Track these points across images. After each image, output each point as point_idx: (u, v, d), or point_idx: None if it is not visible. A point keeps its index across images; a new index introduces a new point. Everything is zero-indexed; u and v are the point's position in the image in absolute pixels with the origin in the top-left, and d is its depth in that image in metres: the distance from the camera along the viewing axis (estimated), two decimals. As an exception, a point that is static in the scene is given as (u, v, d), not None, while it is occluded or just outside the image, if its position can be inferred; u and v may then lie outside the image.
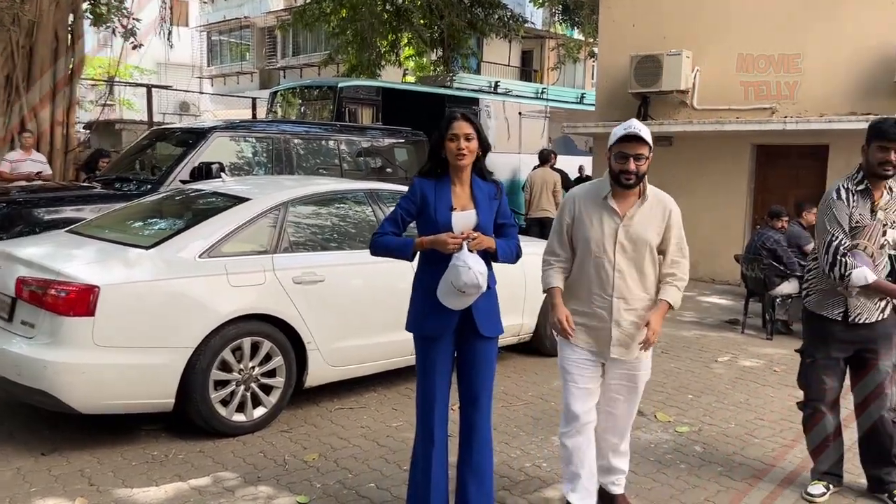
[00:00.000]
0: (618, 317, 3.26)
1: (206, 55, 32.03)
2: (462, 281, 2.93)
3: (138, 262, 4.17)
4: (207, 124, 8.03)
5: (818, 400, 3.84)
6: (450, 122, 3.06)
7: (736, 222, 11.09)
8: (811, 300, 3.84)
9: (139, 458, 4.04)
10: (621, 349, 3.28)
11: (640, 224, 3.26)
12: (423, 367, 3.18)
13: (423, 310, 3.14)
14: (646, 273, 3.29)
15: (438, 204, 3.08)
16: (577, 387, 3.35)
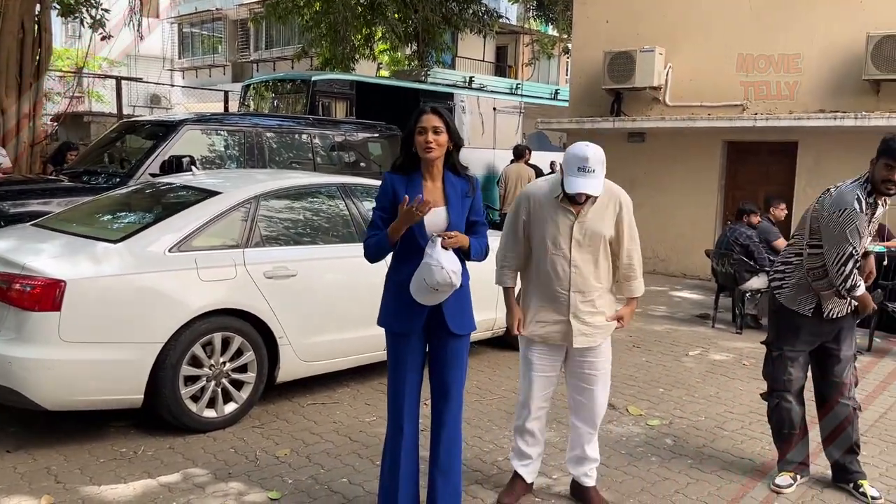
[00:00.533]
0: (575, 310, 3.37)
1: (177, 47, 31.62)
2: (435, 279, 2.92)
3: (106, 256, 4.10)
4: (178, 117, 7.94)
5: (784, 390, 3.90)
6: (419, 115, 3.03)
7: (707, 218, 11.22)
8: (784, 294, 3.85)
9: (107, 454, 3.98)
10: (583, 338, 3.40)
11: (594, 219, 3.34)
12: (393, 363, 3.18)
13: (393, 307, 3.14)
14: (601, 265, 3.39)
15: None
16: (537, 374, 3.49)
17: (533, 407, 3.54)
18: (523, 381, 3.57)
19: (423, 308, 3.06)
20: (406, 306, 3.06)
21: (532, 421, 3.57)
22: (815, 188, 10.13)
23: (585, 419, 3.54)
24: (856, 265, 3.57)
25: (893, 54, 8.84)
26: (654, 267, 11.70)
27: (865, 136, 9.54)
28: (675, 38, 11.10)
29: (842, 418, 3.83)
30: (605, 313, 3.43)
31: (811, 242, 3.72)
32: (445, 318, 3.10)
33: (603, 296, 3.43)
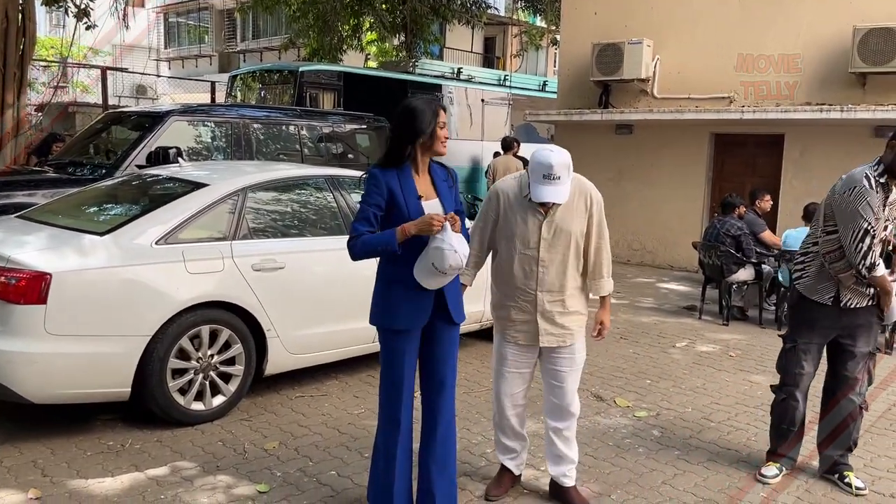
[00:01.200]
0: (542, 308, 3.35)
1: (163, 37, 31.35)
2: (448, 263, 2.91)
3: (92, 248, 4.07)
4: (164, 108, 7.87)
5: (793, 385, 3.90)
6: (438, 111, 3.04)
7: (694, 210, 11.27)
8: (803, 283, 3.82)
9: (94, 448, 3.96)
10: (550, 337, 3.38)
11: (563, 217, 3.31)
12: (391, 359, 3.13)
13: (394, 302, 3.08)
14: (569, 263, 3.35)
15: (406, 194, 3.03)
16: (509, 371, 3.49)
17: (507, 403, 3.53)
18: (496, 376, 3.55)
19: (429, 302, 3.07)
20: (414, 302, 3.05)
21: (509, 417, 3.55)
22: (802, 180, 10.22)
23: (557, 417, 3.50)
24: (873, 241, 3.53)
25: (879, 47, 8.89)
26: (641, 259, 11.75)
27: (852, 129, 9.63)
28: (662, 31, 11.12)
29: (845, 414, 3.84)
30: (577, 313, 3.40)
31: (826, 228, 3.69)
32: (449, 308, 3.13)
33: (574, 296, 3.38)
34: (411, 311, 3.07)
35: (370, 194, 3.03)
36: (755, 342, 6.95)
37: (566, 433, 3.53)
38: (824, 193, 3.83)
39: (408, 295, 3.05)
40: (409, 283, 3.03)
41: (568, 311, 3.38)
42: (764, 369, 6.02)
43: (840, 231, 3.62)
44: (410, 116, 3.01)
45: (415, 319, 3.08)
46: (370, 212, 3.02)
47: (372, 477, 3.29)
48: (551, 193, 3.17)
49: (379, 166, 3.08)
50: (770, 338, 7.14)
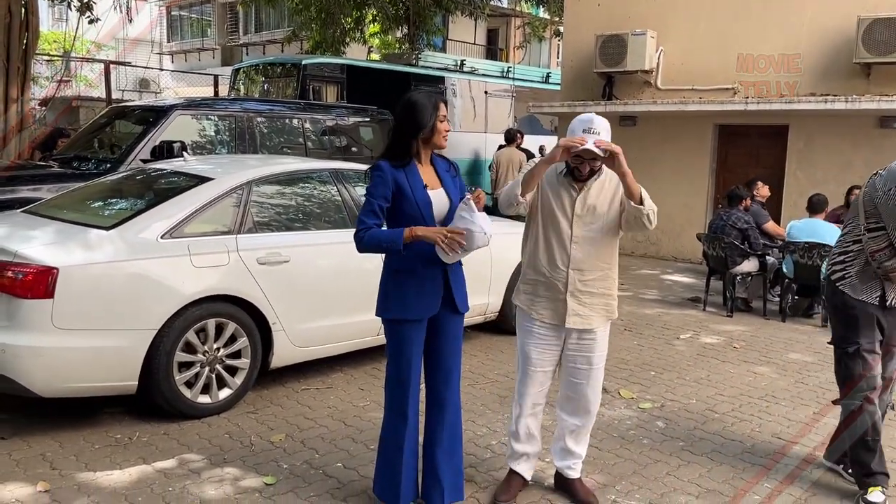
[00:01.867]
0: (573, 288, 3.31)
1: (165, 31, 31.33)
2: (476, 244, 2.95)
3: (98, 242, 4.09)
4: (168, 102, 7.87)
5: (868, 389, 3.57)
6: (438, 104, 3.06)
7: (698, 201, 11.26)
8: (847, 284, 3.62)
9: (102, 441, 3.99)
10: (577, 318, 3.33)
11: (597, 195, 3.30)
12: (399, 351, 3.15)
13: (403, 292, 3.10)
14: (603, 244, 3.32)
15: (412, 184, 3.06)
16: (534, 370, 3.43)
17: (528, 404, 3.47)
18: (520, 377, 3.49)
19: (438, 291, 3.12)
20: (422, 292, 3.09)
21: (528, 419, 3.50)
22: (806, 171, 10.21)
23: (572, 413, 3.49)
24: None
25: (884, 37, 8.85)
26: (645, 250, 11.75)
27: (856, 120, 9.61)
28: (666, 22, 11.09)
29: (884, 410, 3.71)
30: (607, 295, 3.35)
31: (869, 226, 3.52)
32: (455, 298, 3.17)
33: (606, 276, 3.35)
34: (420, 300, 3.10)
35: (377, 186, 3.05)
36: (759, 333, 6.95)
37: (581, 432, 3.52)
38: (829, 184, 3.82)
39: (416, 284, 3.08)
40: (417, 272, 3.07)
41: (598, 292, 3.32)
42: (768, 360, 6.03)
43: (889, 228, 3.42)
44: (412, 111, 3.04)
45: (424, 309, 3.11)
46: (376, 204, 3.03)
47: (378, 469, 3.31)
48: (590, 144, 3.09)
49: (386, 159, 3.09)
50: (774, 329, 7.16)
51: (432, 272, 3.11)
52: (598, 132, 3.13)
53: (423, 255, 3.05)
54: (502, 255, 5.76)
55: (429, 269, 3.10)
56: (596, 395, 3.48)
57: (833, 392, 5.23)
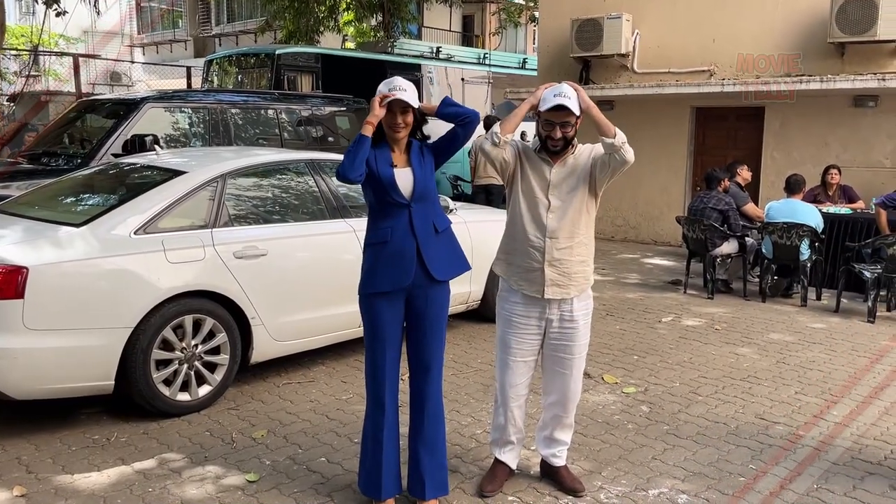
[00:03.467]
0: (550, 257, 3.30)
1: (135, 23, 30.80)
2: (395, 84, 3.06)
3: (69, 240, 3.99)
4: (139, 95, 7.73)
5: None
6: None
7: (676, 184, 11.28)
8: None
9: (79, 442, 3.91)
10: (555, 288, 3.31)
11: (572, 165, 3.32)
12: (372, 332, 3.15)
13: (375, 266, 3.12)
14: (580, 213, 3.32)
15: (380, 162, 3.11)
16: (514, 359, 3.41)
17: (512, 394, 3.44)
18: (499, 366, 3.46)
19: (409, 262, 3.10)
20: (391, 262, 3.10)
21: (511, 408, 3.47)
22: (782, 152, 10.26)
23: (555, 403, 3.47)
24: None
25: (857, 16, 8.87)
26: (625, 235, 11.77)
27: (831, 99, 9.65)
28: (641, 5, 11.05)
29: None
30: (584, 263, 3.34)
31: None
32: (428, 266, 3.13)
33: (582, 244, 3.33)
34: (388, 272, 3.11)
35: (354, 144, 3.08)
36: (740, 314, 6.98)
37: (566, 420, 3.50)
38: (805, 164, 3.84)
39: (384, 255, 3.11)
40: (387, 244, 3.10)
41: (575, 259, 3.31)
42: (749, 341, 6.05)
43: None
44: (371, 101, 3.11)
45: (391, 281, 3.10)
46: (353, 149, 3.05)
47: (360, 463, 3.27)
48: (565, 101, 3.15)
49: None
50: (755, 310, 7.19)
51: (402, 242, 3.11)
52: (569, 97, 3.18)
53: (392, 225, 3.10)
54: (483, 244, 5.71)
55: (398, 240, 3.11)
56: (578, 384, 3.46)
57: (815, 371, 5.28)
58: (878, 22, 8.71)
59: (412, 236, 3.12)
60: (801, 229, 7.25)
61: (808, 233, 7.26)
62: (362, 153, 3.01)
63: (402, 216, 3.11)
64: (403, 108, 3.08)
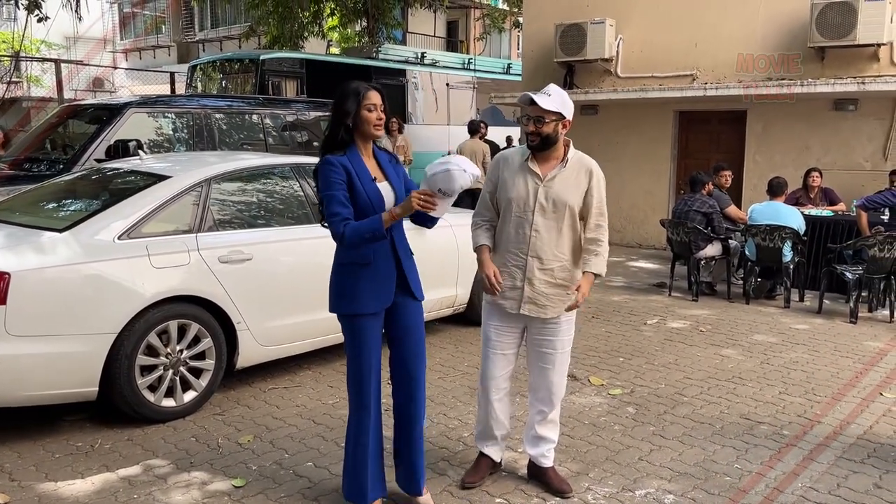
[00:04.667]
0: (530, 275, 3.32)
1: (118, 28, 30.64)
2: (458, 184, 2.88)
3: (52, 245, 3.95)
4: (123, 100, 7.69)
5: None
6: (364, 92, 3.00)
7: (660, 187, 11.35)
8: None
9: (63, 450, 3.87)
10: (531, 306, 3.34)
11: (561, 186, 3.30)
12: (358, 346, 3.10)
13: (358, 287, 3.04)
14: (563, 235, 3.32)
15: (361, 176, 3.02)
16: (494, 352, 3.46)
17: (492, 386, 3.48)
18: (482, 359, 3.52)
19: (391, 281, 3.08)
20: (378, 284, 3.05)
21: (493, 401, 3.51)
22: (764, 155, 10.35)
23: (541, 399, 3.49)
24: None
25: (837, 21, 8.98)
26: (609, 238, 11.78)
27: (812, 103, 9.76)
28: (624, 10, 11.13)
29: None
30: (565, 287, 3.34)
31: None
32: (411, 285, 3.15)
33: (564, 268, 3.34)
34: (374, 293, 3.05)
35: (332, 179, 2.97)
36: (724, 316, 7.03)
37: (551, 416, 3.51)
38: (787, 168, 3.88)
39: (369, 277, 3.03)
40: (369, 265, 3.02)
41: (555, 282, 3.32)
42: (734, 343, 6.10)
43: None
44: (337, 99, 3.02)
45: (378, 302, 3.06)
46: (340, 195, 2.96)
47: (344, 470, 3.25)
48: (538, 97, 3.21)
49: (328, 152, 3.03)
50: (739, 311, 7.25)
51: (385, 263, 3.07)
52: (550, 94, 3.24)
53: (374, 246, 3.01)
54: (469, 247, 5.71)
55: (381, 260, 3.06)
56: (561, 378, 3.47)
57: (798, 371, 5.32)
58: (857, 26, 8.83)
59: (393, 256, 3.10)
60: (784, 231, 7.32)
61: (791, 235, 7.33)
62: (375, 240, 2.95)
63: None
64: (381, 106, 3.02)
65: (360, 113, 2.99)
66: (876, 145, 9.51)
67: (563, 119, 3.27)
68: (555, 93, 3.26)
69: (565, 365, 3.48)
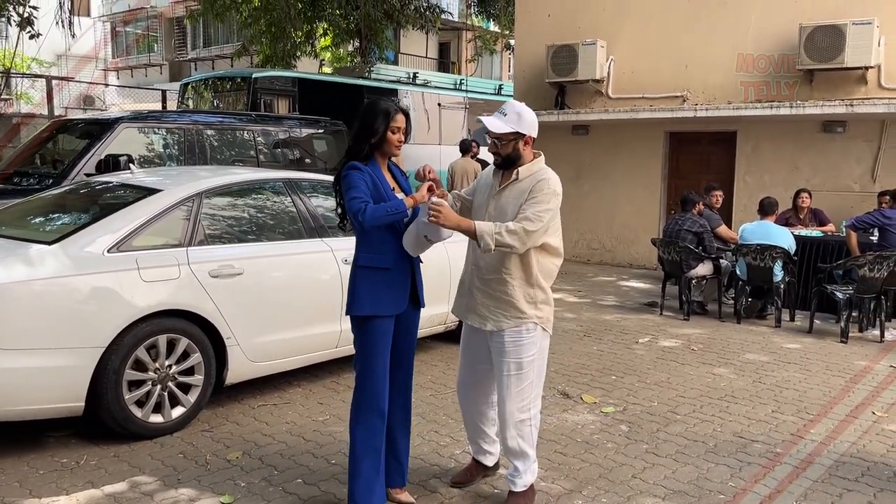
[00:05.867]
0: (471, 285, 3.36)
1: (110, 47, 30.67)
2: (443, 235, 3.10)
3: (40, 258, 3.90)
4: (114, 115, 7.67)
5: None
6: (393, 114, 3.18)
7: (651, 208, 11.39)
8: None
9: (47, 466, 3.79)
10: (474, 316, 3.37)
11: (507, 198, 3.28)
12: (375, 349, 3.18)
13: (378, 290, 3.17)
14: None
15: (384, 186, 3.21)
16: (464, 361, 3.55)
17: (466, 398, 3.55)
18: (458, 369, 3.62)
19: (407, 288, 3.26)
20: (396, 289, 3.20)
21: (471, 414, 3.57)
22: (754, 176, 10.42)
23: (498, 415, 3.40)
24: None
25: (825, 44, 9.09)
26: (601, 258, 11.84)
27: (801, 125, 9.85)
28: (615, 31, 11.24)
29: None
30: (507, 303, 3.23)
31: None
32: (419, 293, 3.35)
33: (507, 283, 3.23)
34: (392, 297, 3.20)
35: (359, 181, 3.11)
36: (716, 335, 7.02)
37: (509, 444, 3.35)
38: (777, 188, 3.90)
39: (388, 281, 3.19)
40: (390, 269, 3.19)
41: (494, 293, 3.26)
42: (726, 362, 6.08)
43: None
44: (365, 116, 3.20)
45: (396, 305, 3.22)
46: (362, 188, 3.09)
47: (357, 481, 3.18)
48: (487, 118, 3.26)
49: (354, 161, 3.19)
50: (730, 331, 7.24)
51: (404, 269, 3.24)
52: (505, 113, 3.25)
53: (396, 252, 3.18)
54: (461, 264, 5.71)
55: (401, 266, 3.24)
56: (513, 406, 3.29)
57: (790, 390, 5.31)
58: (845, 49, 8.94)
59: (409, 263, 3.27)
60: (775, 251, 7.34)
61: (782, 254, 7.35)
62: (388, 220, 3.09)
63: (400, 243, 3.20)
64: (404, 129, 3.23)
65: (386, 133, 3.18)
66: (864, 167, 9.60)
67: (521, 137, 3.24)
68: (510, 111, 3.25)
69: (515, 389, 3.28)
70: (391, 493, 3.41)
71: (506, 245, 3.09)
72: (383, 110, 3.17)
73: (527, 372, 3.30)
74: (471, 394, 3.55)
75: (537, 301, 3.29)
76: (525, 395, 3.31)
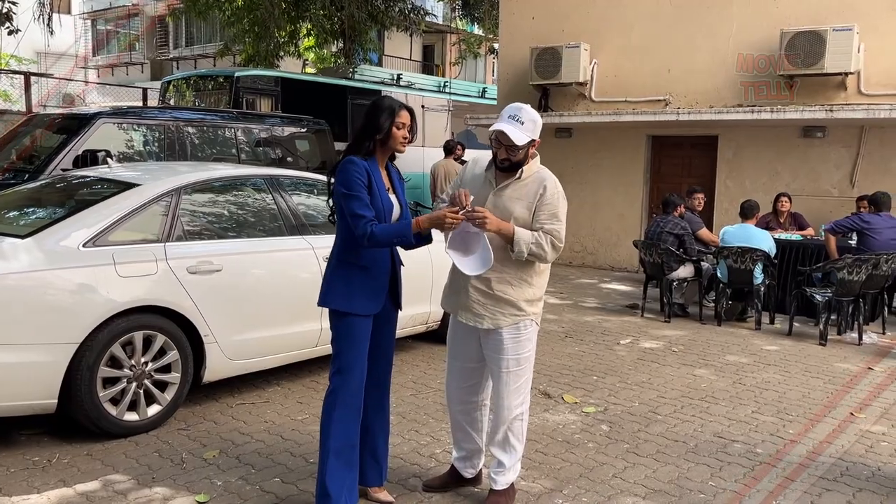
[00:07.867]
0: (465, 282, 3.28)
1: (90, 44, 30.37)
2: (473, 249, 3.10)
3: (13, 252, 3.83)
4: (92, 110, 7.56)
5: None
6: (397, 109, 3.16)
7: (633, 211, 11.43)
8: None
9: (18, 464, 3.71)
10: (468, 314, 3.31)
11: (510, 196, 3.22)
12: (356, 345, 3.15)
13: (354, 288, 3.14)
14: (507, 249, 3.18)
15: (379, 185, 3.16)
16: (453, 362, 3.47)
17: (453, 398, 3.47)
18: (446, 370, 3.53)
19: (385, 289, 3.25)
20: (380, 288, 3.21)
21: (457, 414, 3.48)
22: (735, 180, 10.48)
23: (494, 416, 3.40)
24: None
25: (806, 50, 9.16)
26: (582, 260, 11.86)
27: (781, 130, 9.93)
28: (599, 35, 11.27)
29: None
30: (505, 302, 3.22)
31: None
32: (400, 294, 3.35)
33: (505, 281, 3.21)
34: (368, 297, 3.17)
35: (356, 179, 3.07)
36: (696, 337, 7.04)
37: (499, 437, 3.37)
38: (757, 192, 3.92)
39: (365, 279, 3.16)
40: (371, 269, 3.16)
41: (493, 293, 3.22)
42: (706, 363, 6.10)
43: None
44: (371, 113, 3.18)
45: (372, 305, 3.19)
46: (364, 196, 3.07)
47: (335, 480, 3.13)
48: (508, 128, 3.10)
49: (356, 156, 3.15)
50: (711, 333, 7.27)
51: (382, 270, 3.21)
52: (523, 122, 3.15)
53: (375, 254, 3.17)
54: (443, 264, 5.67)
55: (379, 267, 3.19)
56: (510, 401, 3.30)
57: (770, 391, 5.33)
58: (825, 55, 9.01)
59: (388, 264, 3.24)
60: (755, 253, 7.38)
61: (762, 257, 7.39)
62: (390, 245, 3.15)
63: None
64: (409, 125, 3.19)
65: (391, 129, 3.15)
66: (843, 172, 9.69)
67: (533, 143, 3.21)
68: (526, 119, 3.15)
69: (514, 385, 3.30)
70: (370, 491, 3.39)
71: (539, 255, 3.15)
72: (388, 107, 3.16)
73: (524, 368, 3.34)
74: (461, 395, 3.46)
75: (534, 299, 3.30)
76: (522, 390, 3.35)
